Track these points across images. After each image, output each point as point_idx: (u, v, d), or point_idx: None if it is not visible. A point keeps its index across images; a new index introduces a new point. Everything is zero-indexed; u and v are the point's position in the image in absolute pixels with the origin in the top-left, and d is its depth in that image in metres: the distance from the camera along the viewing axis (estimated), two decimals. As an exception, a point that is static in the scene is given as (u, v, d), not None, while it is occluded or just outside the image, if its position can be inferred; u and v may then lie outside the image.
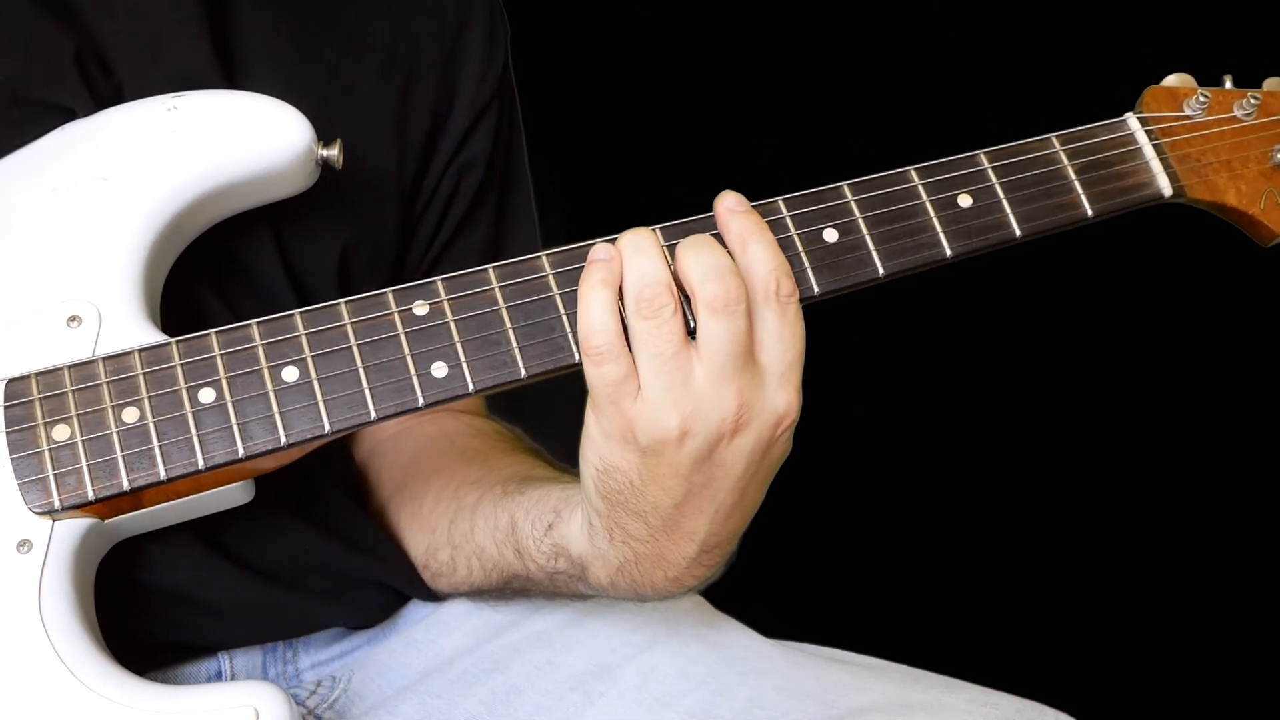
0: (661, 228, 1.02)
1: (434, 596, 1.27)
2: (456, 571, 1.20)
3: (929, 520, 2.54)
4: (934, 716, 1.05)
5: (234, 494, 1.03)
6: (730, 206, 1.01)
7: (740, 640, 1.18)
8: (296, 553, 1.18)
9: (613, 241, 1.00)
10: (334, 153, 1.08)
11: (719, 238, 1.00)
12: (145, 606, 1.10)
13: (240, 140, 1.05)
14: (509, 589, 1.17)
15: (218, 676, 1.19)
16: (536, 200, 1.41)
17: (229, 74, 1.15)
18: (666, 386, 0.95)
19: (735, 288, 0.96)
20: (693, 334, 0.97)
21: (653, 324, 0.95)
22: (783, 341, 0.97)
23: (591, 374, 0.97)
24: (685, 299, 0.97)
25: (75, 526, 0.96)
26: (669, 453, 0.97)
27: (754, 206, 1.03)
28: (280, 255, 1.18)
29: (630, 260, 0.97)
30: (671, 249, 0.99)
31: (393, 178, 1.25)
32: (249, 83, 1.14)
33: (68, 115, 1.09)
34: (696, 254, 0.97)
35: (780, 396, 0.98)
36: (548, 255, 1.02)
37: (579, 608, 1.22)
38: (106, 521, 0.98)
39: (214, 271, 1.14)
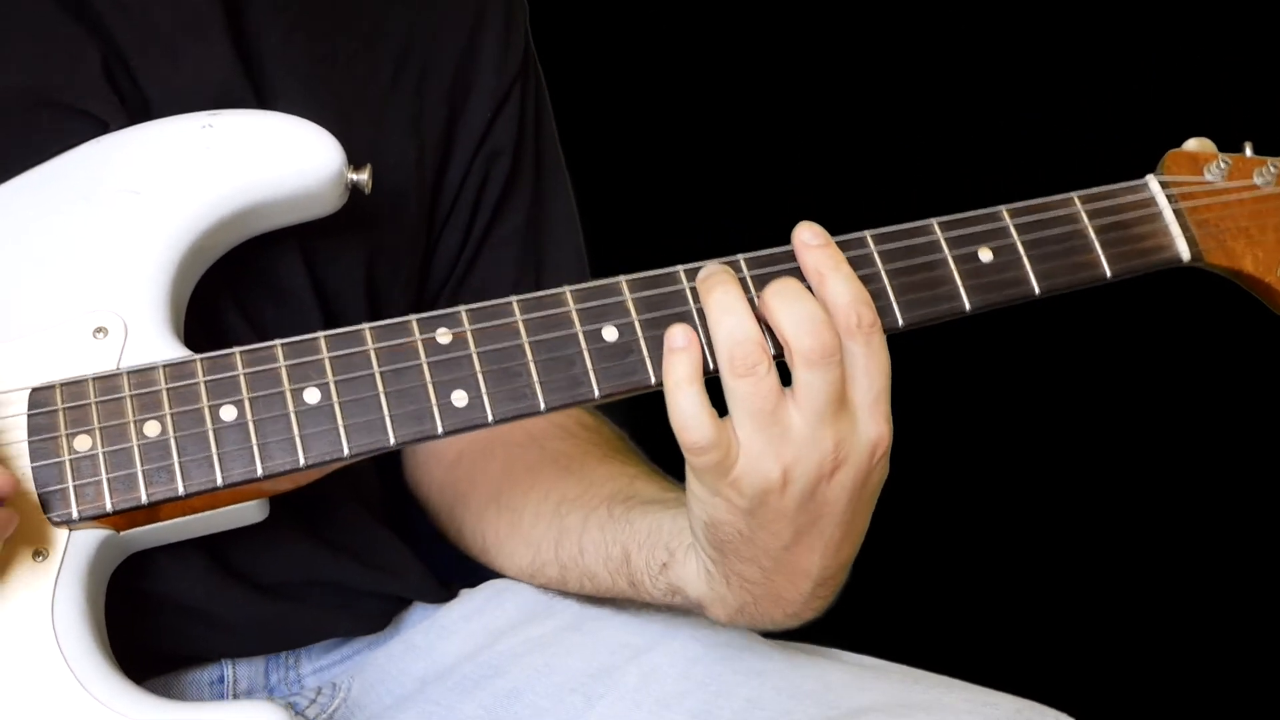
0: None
1: (443, 598, 1.28)
2: (568, 585, 1.21)
3: (928, 520, 2.53)
4: (934, 717, 1.06)
5: (249, 512, 1.04)
6: (805, 241, 1.02)
7: (739, 641, 1.18)
8: (306, 570, 1.18)
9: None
10: (364, 177, 1.09)
11: (798, 271, 1.01)
12: (151, 616, 1.10)
13: (273, 161, 1.06)
14: (622, 601, 1.19)
15: (220, 682, 1.20)
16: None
17: (248, 74, 1.15)
18: (767, 440, 0.96)
19: (831, 339, 0.97)
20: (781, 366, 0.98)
21: (749, 382, 0.96)
22: (869, 374, 0.99)
23: (693, 462, 0.98)
24: (768, 330, 0.99)
25: (91, 537, 0.97)
26: (773, 501, 0.98)
27: (764, 255, 1.04)
28: (304, 261, 1.18)
29: (719, 320, 0.98)
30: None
31: (411, 174, 1.25)
32: (268, 84, 1.15)
33: (94, 121, 1.09)
34: (787, 304, 0.98)
35: (872, 427, 0.99)
36: (571, 291, 1.03)
37: (579, 612, 1.23)
38: (122, 534, 0.99)
39: (237, 283, 1.15)
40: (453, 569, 1.35)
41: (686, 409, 0.97)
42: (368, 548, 1.23)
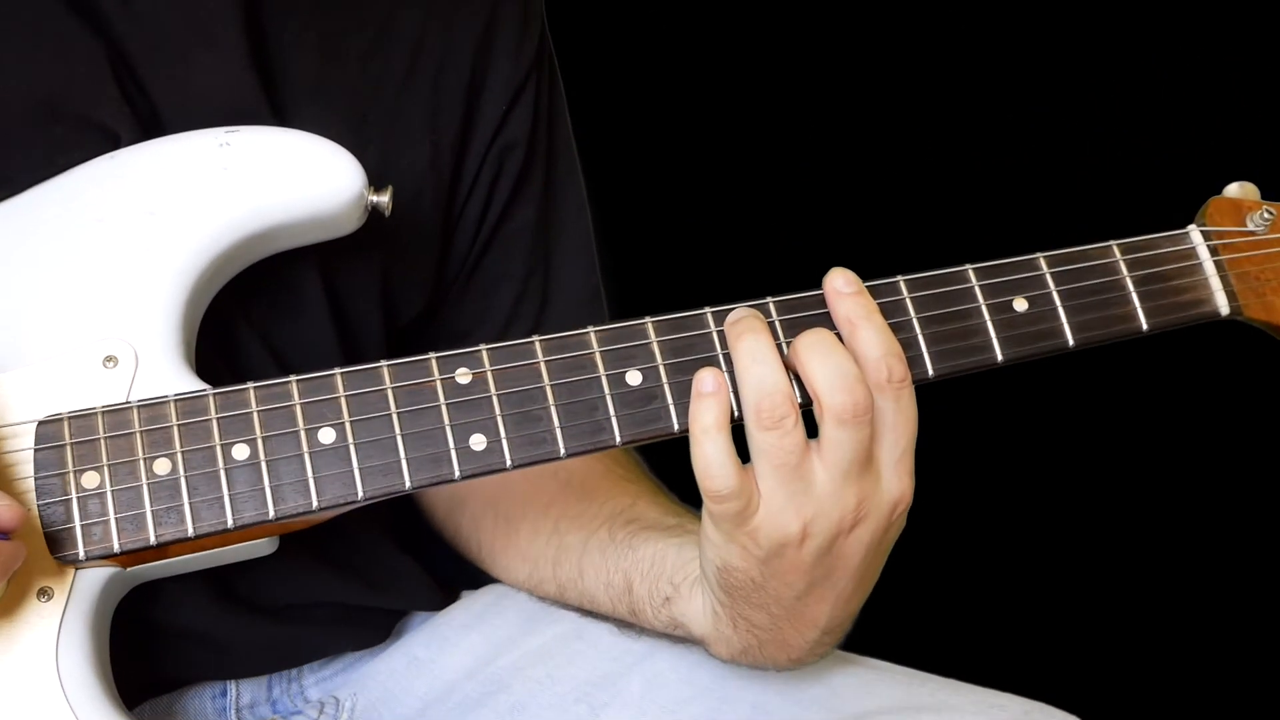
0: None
1: (444, 604, 1.26)
2: (566, 601, 1.20)
3: (934, 522, 2.53)
4: (941, 719, 1.06)
5: (258, 547, 1.01)
6: (838, 288, 0.99)
7: None
8: (310, 592, 1.17)
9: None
10: (384, 199, 1.05)
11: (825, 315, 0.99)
12: (155, 642, 1.09)
13: (291, 183, 1.02)
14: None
15: (223, 695, 1.19)
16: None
17: (261, 79, 1.11)
18: (789, 495, 0.95)
19: (864, 398, 0.94)
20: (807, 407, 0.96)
21: (775, 435, 0.94)
22: (896, 431, 0.97)
23: (712, 509, 0.96)
24: (795, 379, 0.97)
25: (97, 576, 0.95)
26: (789, 553, 0.97)
27: (794, 299, 1.01)
28: (321, 274, 1.15)
29: (747, 368, 0.95)
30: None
31: (427, 175, 1.22)
32: (280, 90, 1.12)
33: (105, 132, 1.06)
34: (821, 358, 0.95)
35: (895, 485, 0.98)
36: (595, 332, 1.00)
37: (580, 617, 1.22)
38: (128, 570, 0.97)
39: (250, 297, 1.11)
40: (454, 569, 1.34)
41: (711, 456, 0.95)
42: (371, 563, 1.22)
